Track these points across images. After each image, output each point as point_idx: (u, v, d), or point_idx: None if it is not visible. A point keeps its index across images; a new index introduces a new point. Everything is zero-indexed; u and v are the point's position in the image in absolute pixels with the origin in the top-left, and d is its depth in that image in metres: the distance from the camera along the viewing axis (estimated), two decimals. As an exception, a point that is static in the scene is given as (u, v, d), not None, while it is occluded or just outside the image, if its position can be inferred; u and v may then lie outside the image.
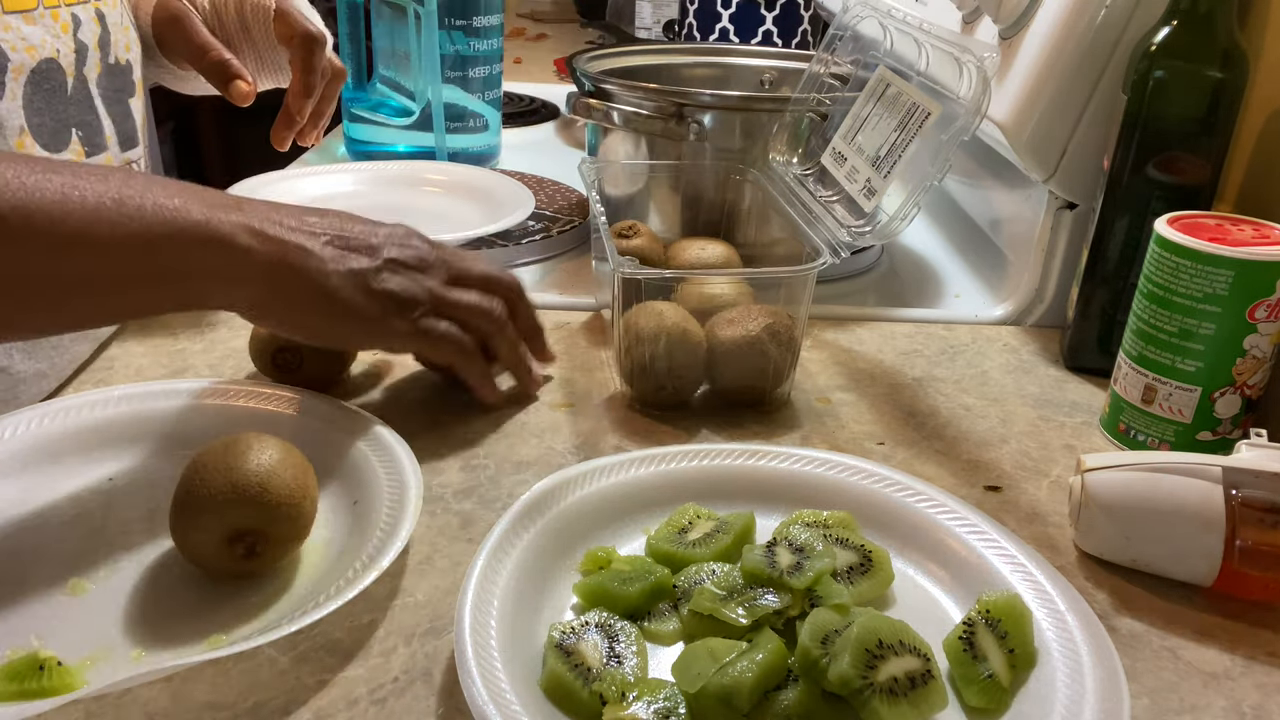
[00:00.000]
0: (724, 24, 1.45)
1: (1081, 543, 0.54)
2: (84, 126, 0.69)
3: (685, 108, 0.84)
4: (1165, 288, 0.60)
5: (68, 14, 0.67)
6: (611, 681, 0.42)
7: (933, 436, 0.65)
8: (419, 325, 0.58)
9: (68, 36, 0.67)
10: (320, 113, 0.83)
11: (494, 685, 0.40)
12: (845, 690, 0.41)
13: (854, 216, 0.70)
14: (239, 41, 0.82)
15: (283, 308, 0.55)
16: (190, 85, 0.87)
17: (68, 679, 0.42)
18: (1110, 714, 0.40)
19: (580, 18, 2.10)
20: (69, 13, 0.67)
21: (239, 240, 0.52)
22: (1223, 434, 0.61)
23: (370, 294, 0.56)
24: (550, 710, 0.41)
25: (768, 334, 0.64)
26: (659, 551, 0.50)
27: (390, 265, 0.58)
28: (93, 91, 0.70)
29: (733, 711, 0.41)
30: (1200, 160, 0.67)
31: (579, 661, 0.43)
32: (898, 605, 0.50)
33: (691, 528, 0.52)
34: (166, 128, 2.82)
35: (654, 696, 0.41)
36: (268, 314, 0.56)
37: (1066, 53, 0.72)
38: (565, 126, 1.41)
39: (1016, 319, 0.83)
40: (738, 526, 0.51)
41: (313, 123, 0.83)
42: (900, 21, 0.76)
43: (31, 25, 0.63)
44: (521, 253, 0.92)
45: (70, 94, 0.67)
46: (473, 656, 0.41)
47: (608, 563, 0.50)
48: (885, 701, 0.40)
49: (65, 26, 0.67)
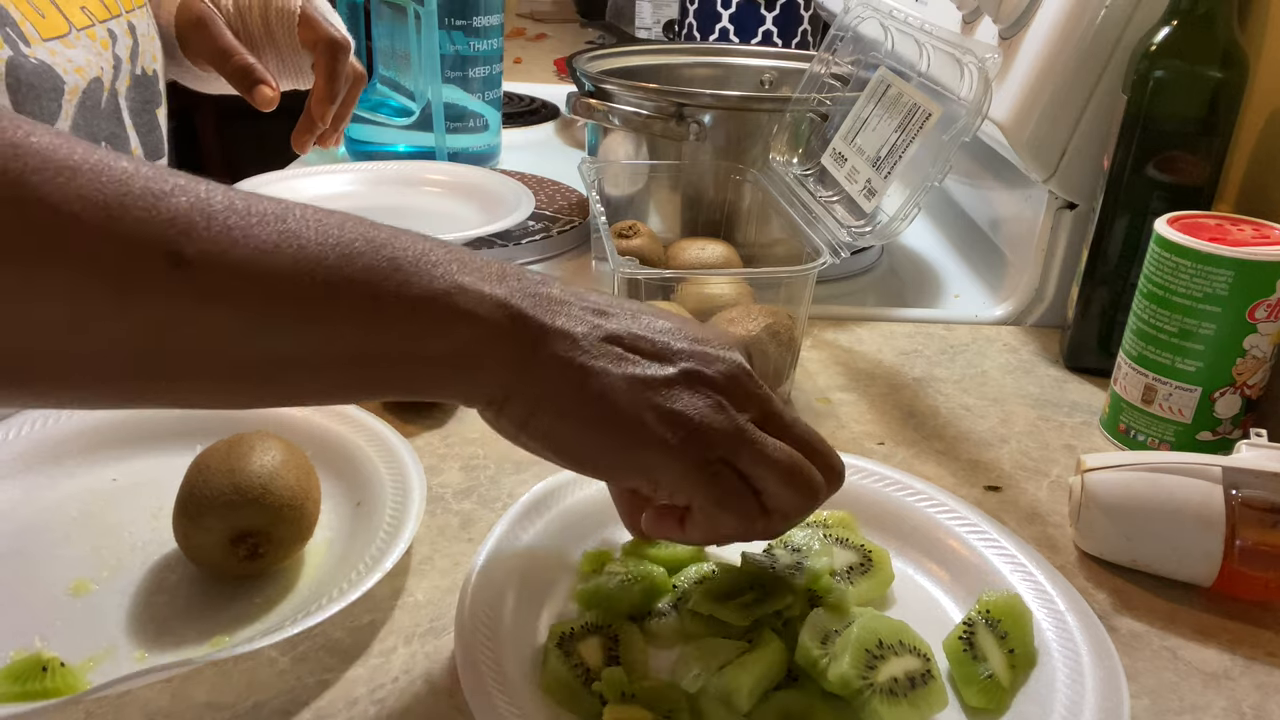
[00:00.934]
0: (724, 24, 1.45)
1: (1081, 543, 0.54)
2: (113, 140, 0.68)
3: (685, 108, 0.84)
4: (1165, 288, 0.60)
5: (104, 31, 0.66)
6: (611, 681, 0.42)
7: (933, 436, 0.66)
8: (711, 468, 0.40)
9: (107, 52, 0.66)
10: (341, 117, 0.83)
11: (494, 685, 0.40)
12: (845, 690, 0.41)
13: (854, 217, 0.70)
14: (262, 43, 0.82)
15: (528, 409, 0.40)
16: (209, 85, 0.87)
17: (70, 680, 0.42)
18: (1110, 714, 0.41)
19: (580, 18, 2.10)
20: (104, 29, 0.67)
21: (494, 317, 0.39)
22: (1223, 434, 0.62)
23: (655, 410, 0.40)
24: (551, 710, 0.41)
25: (768, 334, 0.64)
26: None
27: (688, 378, 0.41)
28: (121, 105, 0.70)
29: (732, 712, 0.41)
30: (1200, 160, 0.67)
31: (579, 661, 0.43)
32: (898, 605, 0.50)
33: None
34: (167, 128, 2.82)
35: (653, 696, 0.41)
36: (508, 414, 0.40)
37: (1066, 53, 0.72)
38: (565, 126, 1.41)
39: (1016, 319, 0.84)
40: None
41: (334, 127, 0.83)
42: (901, 22, 0.76)
43: (72, 49, 0.63)
44: (521, 253, 0.92)
45: (103, 109, 0.67)
46: (473, 656, 0.41)
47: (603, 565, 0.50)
48: (885, 702, 0.40)
49: (105, 44, 0.66)
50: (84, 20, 0.65)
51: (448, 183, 1.03)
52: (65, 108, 0.61)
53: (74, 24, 0.64)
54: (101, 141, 0.67)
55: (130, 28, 0.70)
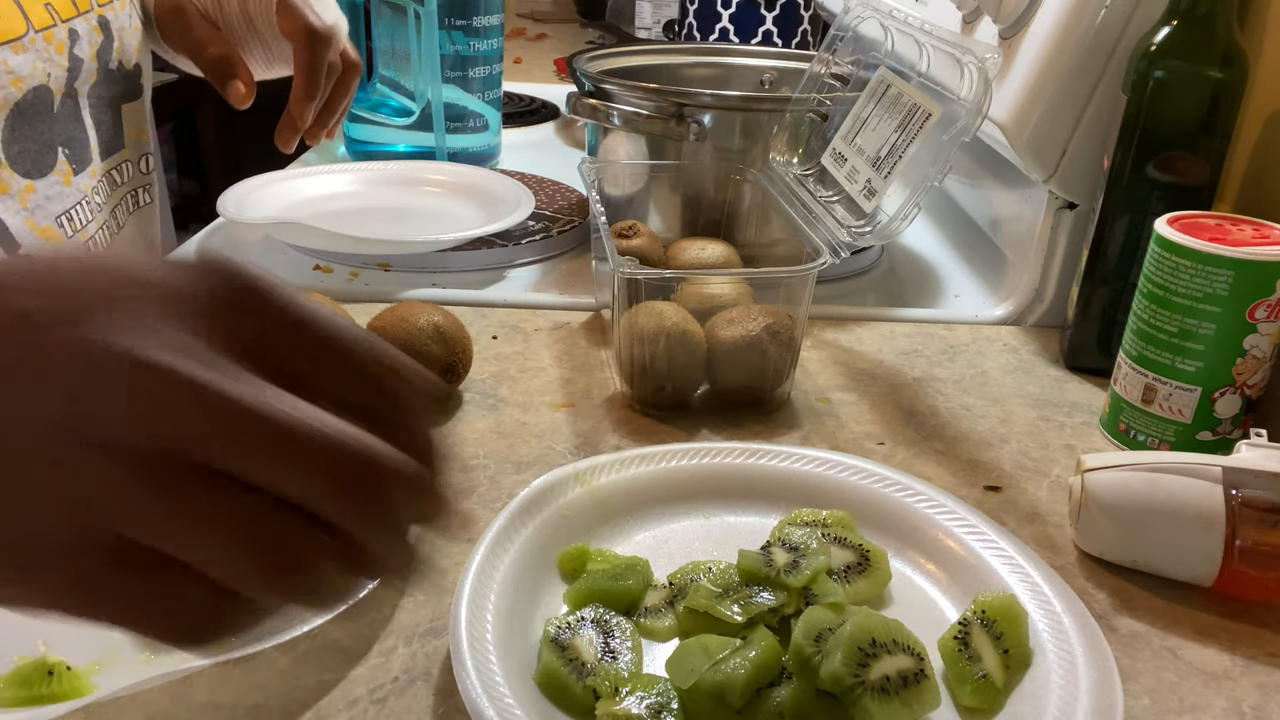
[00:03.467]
0: (724, 24, 1.45)
1: (1081, 543, 0.54)
2: (70, 143, 0.66)
3: (685, 108, 0.84)
4: (1165, 288, 0.60)
5: (64, 32, 0.63)
6: (605, 676, 0.42)
7: (933, 436, 0.66)
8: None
9: (62, 56, 0.63)
10: (331, 110, 0.78)
11: (488, 680, 0.40)
12: (837, 688, 0.41)
13: (854, 217, 0.70)
14: (243, 33, 0.78)
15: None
16: (194, 68, 0.84)
17: (76, 684, 0.41)
18: (1103, 715, 0.40)
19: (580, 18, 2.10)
20: (65, 30, 0.63)
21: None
22: (1223, 434, 0.61)
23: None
24: (545, 705, 0.41)
25: (768, 334, 0.64)
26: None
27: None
28: (82, 104, 0.67)
29: (725, 707, 0.41)
30: (1200, 160, 0.67)
31: (574, 656, 0.43)
32: (895, 605, 0.50)
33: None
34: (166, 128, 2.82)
35: (646, 691, 0.41)
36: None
37: (1066, 53, 0.72)
38: (565, 126, 1.41)
39: (1016, 319, 0.83)
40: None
41: (321, 123, 0.78)
42: (901, 22, 0.76)
43: (21, 54, 0.59)
44: (521, 253, 0.92)
45: (57, 112, 0.64)
46: (468, 652, 0.41)
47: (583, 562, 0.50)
48: (876, 699, 0.40)
49: (60, 47, 0.62)
50: (45, 19, 0.61)
51: (448, 183, 1.03)
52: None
53: (33, 24, 0.60)
54: (58, 145, 0.64)
55: (101, 23, 0.67)
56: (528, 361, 0.72)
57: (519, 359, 0.73)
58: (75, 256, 0.26)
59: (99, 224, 0.68)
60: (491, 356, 0.73)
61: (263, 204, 0.93)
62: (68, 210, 0.64)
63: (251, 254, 0.90)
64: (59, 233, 0.63)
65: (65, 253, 0.26)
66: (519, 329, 0.78)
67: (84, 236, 0.66)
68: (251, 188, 0.94)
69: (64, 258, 0.26)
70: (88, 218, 0.66)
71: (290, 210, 0.94)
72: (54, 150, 0.64)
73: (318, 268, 0.87)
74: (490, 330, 0.77)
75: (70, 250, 0.26)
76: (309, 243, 0.88)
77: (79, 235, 0.65)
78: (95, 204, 0.68)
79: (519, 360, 0.73)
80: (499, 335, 0.76)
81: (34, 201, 0.61)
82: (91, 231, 0.67)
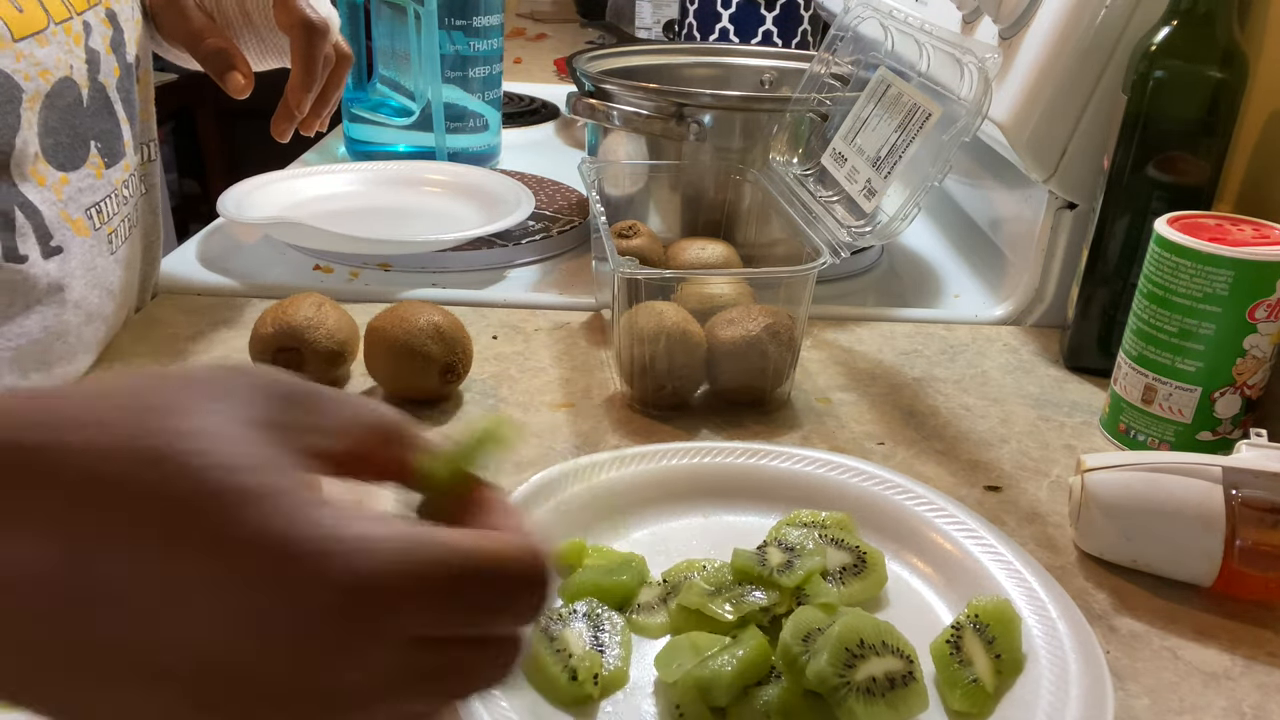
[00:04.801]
0: (724, 24, 1.45)
1: (1081, 543, 0.54)
2: (103, 136, 0.67)
3: (685, 108, 0.84)
4: (1165, 288, 0.60)
5: (79, 23, 0.64)
6: (588, 665, 0.42)
7: (933, 436, 0.66)
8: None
9: (80, 48, 0.64)
10: (325, 101, 0.79)
11: None
12: (822, 688, 0.41)
13: (854, 217, 0.70)
14: (239, 25, 0.79)
15: None
16: (192, 62, 0.84)
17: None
18: None
19: (580, 18, 2.10)
20: (80, 22, 0.64)
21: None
22: (1223, 434, 0.61)
23: None
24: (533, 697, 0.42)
25: (768, 334, 0.64)
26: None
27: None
28: (112, 97, 0.68)
29: (710, 704, 0.41)
30: (1200, 160, 0.67)
31: (561, 647, 0.43)
32: (890, 607, 0.49)
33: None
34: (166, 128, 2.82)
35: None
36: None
37: (1066, 53, 0.72)
38: (565, 126, 1.41)
39: (1016, 319, 0.83)
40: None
41: (315, 113, 0.79)
42: (901, 22, 0.76)
43: (45, 47, 0.60)
44: (521, 253, 0.92)
45: (87, 105, 0.65)
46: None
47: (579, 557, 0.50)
48: (861, 700, 0.40)
49: (78, 39, 0.64)
50: (63, 12, 0.62)
51: (448, 183, 1.03)
52: (26, 115, 0.59)
53: (53, 16, 0.61)
54: (90, 138, 0.65)
55: (109, 16, 0.68)
56: (528, 361, 0.72)
57: (519, 359, 0.73)
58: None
59: (122, 216, 0.69)
60: (491, 356, 0.73)
61: (263, 204, 0.93)
62: (97, 203, 0.66)
63: (252, 254, 0.90)
64: (88, 224, 0.65)
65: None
66: (519, 329, 0.78)
67: (109, 230, 0.67)
68: (251, 188, 0.94)
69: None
70: (114, 210, 0.68)
71: (290, 210, 0.94)
72: (87, 144, 0.66)
73: (318, 268, 0.87)
74: (490, 330, 0.77)
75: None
76: (309, 243, 0.88)
77: (105, 228, 0.67)
78: (123, 197, 0.70)
79: (519, 360, 0.73)
80: (499, 335, 0.76)
81: (67, 193, 0.63)
82: (115, 224, 0.68)
